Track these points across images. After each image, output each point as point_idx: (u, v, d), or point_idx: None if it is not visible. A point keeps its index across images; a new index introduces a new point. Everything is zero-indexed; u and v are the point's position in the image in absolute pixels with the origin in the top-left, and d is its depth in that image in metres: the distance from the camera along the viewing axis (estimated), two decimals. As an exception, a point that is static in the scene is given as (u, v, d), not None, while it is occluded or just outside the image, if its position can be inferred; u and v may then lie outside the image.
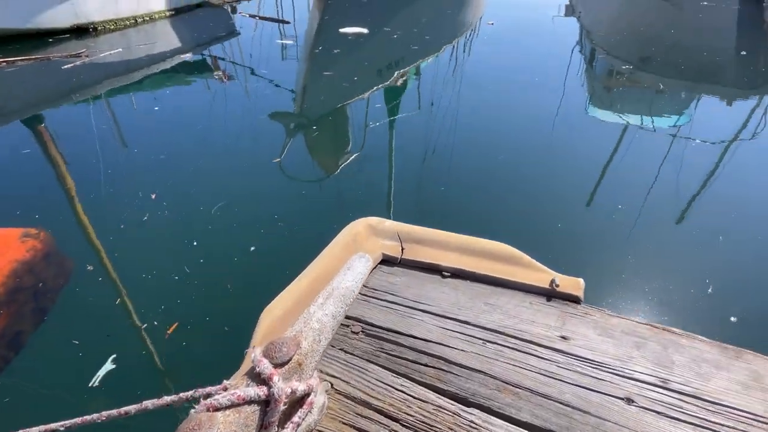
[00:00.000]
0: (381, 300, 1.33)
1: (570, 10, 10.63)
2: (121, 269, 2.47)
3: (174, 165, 3.51)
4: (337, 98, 4.74)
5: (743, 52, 6.79)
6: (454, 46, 6.48)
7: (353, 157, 3.72)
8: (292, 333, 0.93)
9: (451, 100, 4.87)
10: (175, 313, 2.20)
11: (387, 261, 1.46)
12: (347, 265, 1.28)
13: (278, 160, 3.46)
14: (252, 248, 2.59)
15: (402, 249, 1.47)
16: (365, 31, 5.83)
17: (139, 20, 6.52)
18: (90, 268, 2.46)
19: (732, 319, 2.18)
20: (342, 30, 5.86)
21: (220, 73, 5.38)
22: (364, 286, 1.36)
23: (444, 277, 1.40)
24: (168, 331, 2.10)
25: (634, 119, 4.64)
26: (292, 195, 3.22)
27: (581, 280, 1.30)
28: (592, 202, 3.19)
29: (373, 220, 1.54)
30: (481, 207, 3.14)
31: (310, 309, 1.02)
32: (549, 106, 4.85)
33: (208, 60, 5.76)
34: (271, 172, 3.44)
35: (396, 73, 5.36)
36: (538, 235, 2.82)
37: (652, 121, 4.56)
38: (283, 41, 5.50)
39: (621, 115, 4.78)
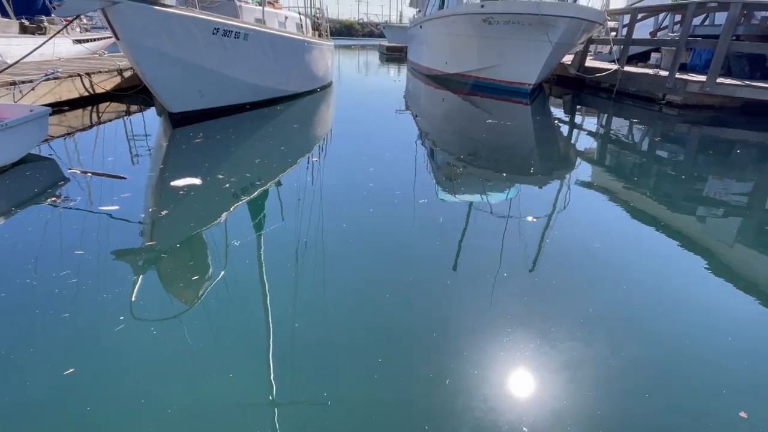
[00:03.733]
0: None
1: (407, 106, 12.23)
2: None
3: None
4: (192, 225, 4.48)
5: (541, 147, 8.66)
6: (308, 158, 6.80)
7: (216, 281, 3.48)
8: None
9: (313, 207, 4.99)
10: None
11: None
12: None
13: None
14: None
15: None
16: (198, 181, 5.71)
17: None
18: None
19: None
20: (173, 183, 5.63)
21: (55, 198, 4.79)
22: None
23: None
24: None
25: (474, 200, 5.40)
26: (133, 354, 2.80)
27: None
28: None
29: None
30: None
31: None
32: (405, 196, 5.36)
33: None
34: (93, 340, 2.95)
35: (255, 191, 5.37)
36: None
37: (488, 201, 5.28)
38: (104, 208, 4.99)
39: (462, 197, 5.45)
